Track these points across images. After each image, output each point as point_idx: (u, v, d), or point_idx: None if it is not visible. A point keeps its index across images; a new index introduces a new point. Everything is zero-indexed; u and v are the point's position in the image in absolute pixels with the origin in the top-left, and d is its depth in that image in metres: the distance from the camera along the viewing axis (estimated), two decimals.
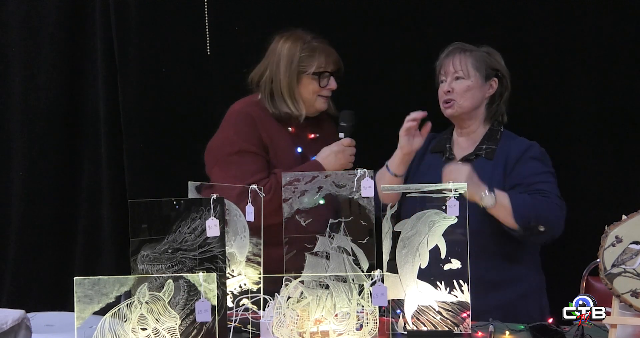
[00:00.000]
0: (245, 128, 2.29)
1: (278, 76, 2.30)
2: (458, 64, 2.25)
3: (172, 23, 2.93)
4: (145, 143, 2.97)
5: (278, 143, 2.31)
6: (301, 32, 2.34)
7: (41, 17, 3.03)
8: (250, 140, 2.27)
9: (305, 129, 2.39)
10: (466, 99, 2.25)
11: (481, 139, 2.29)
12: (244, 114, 2.32)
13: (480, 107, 2.29)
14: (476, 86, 2.25)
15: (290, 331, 1.82)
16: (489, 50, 2.32)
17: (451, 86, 2.26)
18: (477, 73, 2.25)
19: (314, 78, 2.30)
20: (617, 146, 2.72)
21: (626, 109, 2.70)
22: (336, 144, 2.30)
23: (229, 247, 1.96)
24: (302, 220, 1.95)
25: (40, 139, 3.06)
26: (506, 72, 2.31)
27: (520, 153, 2.22)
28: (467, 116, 2.29)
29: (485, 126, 2.31)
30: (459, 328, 1.90)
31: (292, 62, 2.29)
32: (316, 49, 2.30)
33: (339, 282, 1.85)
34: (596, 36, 2.69)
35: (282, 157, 2.30)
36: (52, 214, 3.07)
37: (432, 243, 1.92)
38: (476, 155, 2.27)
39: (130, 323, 1.62)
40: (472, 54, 2.27)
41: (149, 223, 1.80)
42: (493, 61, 2.29)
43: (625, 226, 1.68)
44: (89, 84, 3.05)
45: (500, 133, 2.29)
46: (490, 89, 2.29)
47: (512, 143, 2.26)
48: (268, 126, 2.31)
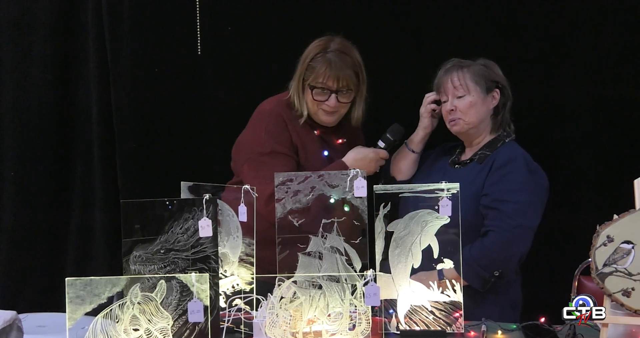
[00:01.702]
0: (276, 129, 2.27)
1: (295, 76, 2.30)
2: (457, 81, 2.24)
3: (164, 23, 2.92)
4: (138, 143, 2.96)
5: (307, 144, 2.30)
6: (335, 42, 2.26)
7: (33, 17, 3.01)
8: (282, 141, 2.26)
9: (332, 134, 2.36)
10: (471, 115, 2.25)
11: (482, 146, 2.29)
12: (275, 114, 2.29)
13: (486, 119, 2.28)
14: (478, 100, 2.24)
15: (283, 331, 1.82)
16: (486, 62, 2.30)
17: (454, 104, 2.25)
18: (477, 87, 2.24)
19: (312, 90, 2.26)
20: (609, 147, 2.73)
21: (618, 109, 2.72)
22: (373, 151, 2.29)
23: (222, 247, 1.96)
24: (295, 220, 1.95)
25: (32, 139, 3.04)
26: (506, 82, 2.29)
27: (504, 161, 2.18)
28: (474, 130, 2.28)
29: (491, 136, 2.30)
30: (451, 327, 1.91)
31: (302, 66, 2.27)
32: (324, 62, 2.23)
33: (331, 282, 1.86)
34: (587, 41, 2.71)
35: (311, 159, 2.29)
36: (44, 214, 3.05)
37: (424, 243, 1.93)
38: (471, 159, 2.28)
39: (122, 324, 1.62)
40: (470, 69, 2.26)
41: (141, 223, 1.79)
42: (491, 73, 2.27)
43: (617, 225, 1.69)
44: (81, 84, 3.03)
45: (503, 143, 2.27)
46: (494, 101, 2.27)
47: (505, 151, 2.23)
48: (298, 128, 2.30)
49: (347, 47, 2.27)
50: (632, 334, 1.76)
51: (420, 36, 2.80)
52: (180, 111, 2.95)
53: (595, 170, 2.74)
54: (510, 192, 2.13)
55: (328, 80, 2.23)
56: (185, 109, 2.95)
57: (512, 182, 2.14)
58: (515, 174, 2.16)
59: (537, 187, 2.18)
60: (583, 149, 2.75)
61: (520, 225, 2.10)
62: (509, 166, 2.17)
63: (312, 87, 2.25)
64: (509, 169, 2.17)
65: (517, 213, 2.10)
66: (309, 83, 2.26)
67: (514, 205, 2.10)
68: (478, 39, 2.70)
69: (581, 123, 2.75)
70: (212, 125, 2.94)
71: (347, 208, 1.93)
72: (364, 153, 2.27)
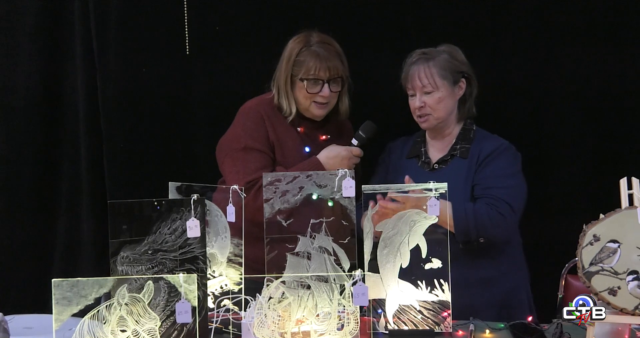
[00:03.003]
0: (252, 125, 2.30)
1: (280, 74, 2.32)
2: (424, 77, 2.24)
3: (151, 23, 2.91)
4: (125, 144, 2.95)
5: (285, 142, 2.31)
6: (313, 35, 2.31)
7: (19, 16, 2.99)
8: (256, 138, 2.29)
9: (316, 130, 2.38)
10: (440, 110, 2.26)
11: (455, 139, 2.30)
12: (254, 111, 2.33)
13: (454, 110, 2.30)
14: (446, 94, 2.25)
15: (271, 332, 1.82)
16: (450, 49, 2.28)
17: (422, 100, 2.25)
18: (445, 82, 2.24)
19: (304, 83, 2.28)
20: (596, 146, 2.75)
21: (605, 109, 2.74)
22: (346, 149, 2.29)
23: (210, 248, 1.95)
24: (283, 220, 1.95)
25: (19, 140, 3.02)
26: (471, 71, 2.30)
27: (489, 152, 2.24)
28: (443, 123, 2.30)
29: (458, 125, 2.33)
30: (439, 327, 1.91)
31: (288, 63, 2.30)
32: (311, 55, 2.27)
33: (320, 282, 1.85)
34: (575, 36, 2.72)
35: (288, 156, 2.30)
36: (31, 215, 3.03)
37: (413, 242, 1.93)
38: (451, 156, 2.29)
39: (109, 325, 1.61)
40: (436, 62, 2.24)
41: (129, 224, 1.78)
42: (456, 64, 2.27)
43: (603, 225, 1.70)
44: (69, 84, 3.01)
45: (474, 132, 2.31)
46: (460, 91, 2.29)
47: (484, 141, 2.27)
48: (276, 125, 2.32)
49: (327, 39, 2.32)
50: (618, 332, 1.78)
51: (400, 30, 2.80)
52: (168, 110, 2.94)
53: (582, 169, 2.75)
54: (498, 178, 2.18)
55: (319, 71, 2.27)
56: (173, 109, 2.94)
57: (500, 168, 2.20)
58: (501, 161, 2.21)
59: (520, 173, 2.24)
60: (570, 149, 2.76)
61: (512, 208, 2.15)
62: (494, 154, 2.23)
63: (304, 80, 2.27)
64: (494, 156, 2.22)
65: (508, 197, 2.15)
66: (301, 77, 2.28)
67: (506, 190, 2.16)
68: (461, 34, 2.70)
69: (568, 124, 2.76)
70: (199, 125, 2.93)
71: (331, 204, 1.94)
72: (336, 151, 2.28)
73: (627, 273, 1.67)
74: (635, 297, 1.65)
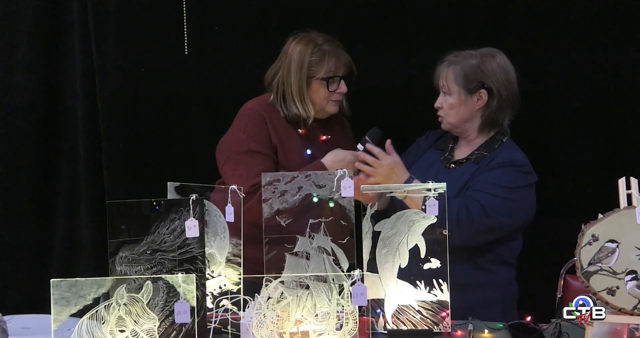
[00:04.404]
0: (254, 128, 2.29)
1: (289, 79, 2.29)
2: (444, 79, 2.23)
3: (150, 23, 2.91)
4: (124, 144, 2.95)
5: (287, 144, 2.30)
6: (314, 35, 2.31)
7: (18, 16, 2.99)
8: (259, 140, 2.27)
9: (316, 130, 2.37)
10: (451, 116, 2.24)
11: (478, 146, 2.26)
12: (255, 113, 2.31)
13: (472, 120, 2.25)
14: (459, 102, 2.21)
15: (270, 332, 1.82)
16: (485, 56, 2.21)
17: (441, 101, 2.25)
18: (459, 88, 2.20)
19: (324, 83, 2.28)
20: (595, 146, 2.75)
21: (604, 108, 2.74)
22: (352, 153, 2.27)
23: (209, 248, 1.95)
24: (282, 220, 1.95)
25: (18, 140, 3.02)
26: (496, 82, 2.18)
27: (498, 162, 2.18)
28: (459, 129, 2.28)
29: (483, 134, 2.27)
30: (438, 327, 1.91)
31: (302, 66, 2.27)
32: (326, 53, 2.27)
33: (319, 282, 1.85)
34: (575, 36, 2.73)
35: (291, 158, 2.29)
36: (29, 215, 3.03)
37: (411, 242, 1.93)
38: (467, 159, 2.26)
39: (108, 325, 1.61)
40: (457, 67, 2.19)
41: (127, 224, 1.78)
42: (478, 73, 2.19)
43: (602, 225, 1.70)
44: (67, 84, 3.01)
45: (501, 143, 2.25)
46: (479, 102, 2.21)
47: (502, 153, 2.21)
48: (278, 127, 2.31)
49: (329, 36, 2.33)
50: (616, 332, 1.78)
51: (405, 33, 2.80)
52: (167, 110, 2.94)
53: (580, 170, 2.75)
54: (488, 184, 2.13)
55: (339, 69, 2.29)
56: (171, 109, 2.94)
57: (496, 178, 2.14)
58: (503, 173, 2.15)
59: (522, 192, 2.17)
60: (569, 149, 2.76)
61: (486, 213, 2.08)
62: (501, 166, 2.17)
63: (325, 79, 2.27)
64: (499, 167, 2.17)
65: (487, 202, 2.09)
66: (321, 77, 2.27)
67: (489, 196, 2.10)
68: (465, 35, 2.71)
69: (568, 123, 2.76)
70: (198, 125, 2.93)
71: (332, 204, 1.94)
72: (342, 155, 2.28)
73: (626, 273, 1.67)
74: (633, 297, 1.66)
